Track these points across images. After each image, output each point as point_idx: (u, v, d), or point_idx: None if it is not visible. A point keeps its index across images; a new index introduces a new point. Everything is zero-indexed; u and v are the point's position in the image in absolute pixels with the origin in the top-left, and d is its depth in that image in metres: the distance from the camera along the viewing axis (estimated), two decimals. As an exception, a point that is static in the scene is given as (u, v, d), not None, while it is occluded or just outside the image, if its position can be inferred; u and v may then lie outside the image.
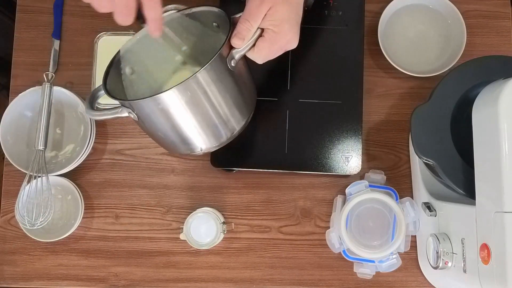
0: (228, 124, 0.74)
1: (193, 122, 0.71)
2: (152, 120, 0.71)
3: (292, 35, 0.71)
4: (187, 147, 0.75)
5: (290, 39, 0.72)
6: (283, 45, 0.71)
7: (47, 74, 0.93)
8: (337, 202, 0.90)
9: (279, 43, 0.71)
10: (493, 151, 0.65)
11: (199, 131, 0.72)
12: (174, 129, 0.72)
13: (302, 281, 0.92)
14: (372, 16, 0.97)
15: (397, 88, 0.96)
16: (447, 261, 0.76)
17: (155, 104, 0.67)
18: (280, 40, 0.70)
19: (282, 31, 0.69)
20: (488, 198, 0.66)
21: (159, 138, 0.76)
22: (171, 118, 0.70)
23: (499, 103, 0.64)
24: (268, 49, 0.71)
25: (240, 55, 0.70)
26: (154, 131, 0.74)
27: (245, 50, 0.71)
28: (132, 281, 0.92)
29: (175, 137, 0.73)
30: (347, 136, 0.90)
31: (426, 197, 0.86)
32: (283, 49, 0.72)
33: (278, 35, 0.69)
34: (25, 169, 0.88)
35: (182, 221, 0.89)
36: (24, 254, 0.92)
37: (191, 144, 0.74)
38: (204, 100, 0.69)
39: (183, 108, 0.68)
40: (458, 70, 0.79)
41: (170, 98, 0.66)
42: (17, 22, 0.98)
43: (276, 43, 0.70)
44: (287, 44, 0.72)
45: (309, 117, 0.90)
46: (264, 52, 0.71)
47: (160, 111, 0.69)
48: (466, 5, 0.97)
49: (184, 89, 0.66)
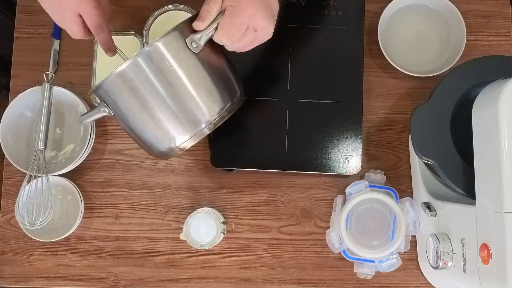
0: (197, 109, 0.69)
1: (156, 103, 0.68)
2: (121, 109, 0.71)
3: (255, 9, 0.67)
4: (160, 141, 0.71)
5: (254, 14, 0.67)
6: (245, 19, 0.67)
7: (47, 74, 0.93)
8: (337, 202, 0.90)
9: (240, 18, 0.66)
10: (493, 151, 0.65)
11: (166, 114, 0.69)
12: (142, 117, 0.70)
13: (302, 281, 0.92)
14: (372, 16, 0.97)
15: (397, 88, 0.96)
16: (447, 261, 0.76)
17: (119, 84, 0.68)
18: (240, 14, 0.66)
19: (241, 4, 0.66)
20: (488, 198, 0.66)
21: (134, 133, 0.73)
22: (136, 102, 0.69)
23: (499, 103, 0.64)
24: (229, 25, 0.67)
25: (205, 38, 0.68)
26: (127, 124, 0.72)
27: (208, 33, 0.68)
28: (132, 281, 0.92)
29: (146, 127, 0.71)
30: (347, 136, 0.90)
31: (426, 197, 0.86)
32: (246, 24, 0.67)
33: (237, 9, 0.66)
34: (25, 169, 0.88)
35: (182, 221, 0.89)
36: (24, 254, 0.92)
37: (163, 135, 0.71)
38: (166, 77, 0.68)
39: (144, 84, 0.67)
40: (458, 70, 0.79)
41: (130, 72, 0.67)
42: (17, 22, 0.98)
43: (237, 17, 0.66)
44: (251, 19, 0.67)
45: (309, 117, 0.90)
46: (226, 29, 0.67)
47: (126, 93, 0.68)
48: (466, 5, 0.97)
49: (144, 58, 0.66)
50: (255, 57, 0.92)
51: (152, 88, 0.68)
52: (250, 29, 0.68)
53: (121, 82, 0.69)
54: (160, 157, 0.74)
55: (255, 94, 0.91)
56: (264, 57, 0.92)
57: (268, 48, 0.92)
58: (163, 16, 0.94)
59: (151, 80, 0.68)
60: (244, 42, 0.69)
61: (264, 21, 0.68)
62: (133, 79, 0.68)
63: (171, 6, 0.94)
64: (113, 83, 0.69)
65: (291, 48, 0.92)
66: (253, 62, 0.92)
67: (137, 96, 0.69)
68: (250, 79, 0.92)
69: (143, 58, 0.67)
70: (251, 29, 0.68)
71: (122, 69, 0.67)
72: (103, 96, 0.71)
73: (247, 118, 0.91)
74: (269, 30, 0.70)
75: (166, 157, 0.74)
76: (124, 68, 0.67)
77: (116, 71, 0.67)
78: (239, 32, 0.67)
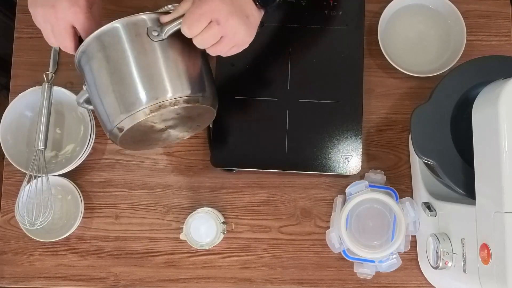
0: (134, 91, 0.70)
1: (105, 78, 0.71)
2: (87, 84, 0.74)
3: (218, 3, 0.67)
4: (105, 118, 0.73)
5: (217, 6, 0.66)
6: (207, 10, 0.66)
7: (47, 74, 0.93)
8: (337, 202, 0.90)
9: (201, 8, 0.66)
10: (493, 151, 0.65)
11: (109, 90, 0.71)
12: (94, 92, 0.73)
13: (302, 281, 0.92)
14: (372, 16, 0.97)
15: (397, 88, 0.96)
16: (447, 261, 0.76)
17: (84, 58, 0.73)
18: (202, 5, 0.66)
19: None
20: (488, 198, 0.66)
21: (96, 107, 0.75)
22: (91, 76, 0.72)
23: (499, 103, 0.64)
24: (189, 13, 0.67)
25: (168, 30, 0.69)
26: (92, 97, 0.75)
27: (172, 26, 0.69)
28: (132, 281, 0.92)
29: (97, 102, 0.73)
30: (347, 136, 0.90)
31: (426, 197, 0.86)
32: (207, 16, 0.67)
33: (201, 1, 0.67)
34: (25, 169, 0.88)
35: (182, 221, 0.89)
36: (24, 254, 0.92)
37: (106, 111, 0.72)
38: (117, 55, 0.70)
39: (101, 59, 0.71)
40: (458, 70, 0.79)
41: (90, 45, 0.71)
42: (17, 22, 0.98)
43: (198, 7, 0.67)
44: (213, 11, 0.66)
45: (309, 117, 0.90)
46: (186, 18, 0.67)
47: (87, 68, 0.72)
48: (466, 5, 0.97)
49: (103, 35, 0.70)
50: (255, 57, 0.92)
51: (103, 64, 0.71)
52: (213, 22, 0.67)
53: (84, 56, 0.73)
54: (110, 138, 0.74)
55: (255, 94, 0.91)
56: (264, 57, 0.92)
57: (268, 48, 0.92)
58: None
59: (104, 56, 0.71)
60: (208, 35, 0.68)
61: (228, 15, 0.67)
62: (92, 55, 0.72)
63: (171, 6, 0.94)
64: (80, 57, 0.73)
65: (291, 48, 0.92)
66: (253, 62, 0.92)
67: (93, 71, 0.72)
68: (250, 79, 0.92)
69: (103, 33, 0.71)
70: (214, 22, 0.67)
71: (85, 43, 0.71)
72: (82, 72, 0.75)
73: (247, 118, 0.91)
74: (237, 27, 0.69)
75: (114, 139, 0.74)
76: (86, 42, 0.71)
77: (81, 46, 0.72)
78: (198, 21, 0.67)
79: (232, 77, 0.92)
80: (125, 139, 0.74)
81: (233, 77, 0.92)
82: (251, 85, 0.92)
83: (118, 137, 0.73)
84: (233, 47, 0.71)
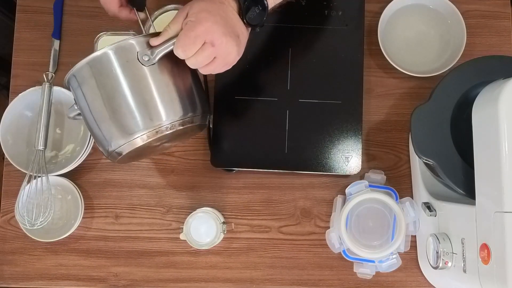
0: (131, 118, 0.71)
1: (99, 104, 0.72)
2: (80, 107, 0.75)
3: (211, 24, 0.67)
4: (102, 142, 0.74)
5: (210, 28, 0.67)
6: (201, 33, 0.67)
7: (47, 74, 0.93)
8: (337, 202, 0.90)
9: (195, 31, 0.67)
10: (493, 151, 0.65)
11: (104, 117, 0.72)
12: (89, 117, 0.74)
13: (302, 281, 0.92)
14: (372, 16, 0.97)
15: (397, 88, 0.96)
16: (447, 261, 0.76)
17: (75, 82, 0.73)
18: (195, 27, 0.67)
19: (199, 18, 0.67)
20: (488, 198, 0.66)
21: (92, 131, 0.76)
22: (84, 102, 0.73)
23: (499, 103, 0.64)
24: (183, 36, 0.67)
25: (159, 53, 0.70)
26: (87, 120, 0.76)
27: (163, 48, 0.70)
28: (132, 281, 0.92)
29: (92, 127, 0.74)
30: (347, 136, 0.90)
31: (426, 197, 0.86)
32: (201, 38, 0.67)
33: (193, 23, 0.67)
34: (25, 169, 0.88)
35: (182, 221, 0.89)
36: (24, 254, 0.92)
37: (102, 137, 0.73)
38: (110, 82, 0.71)
39: (93, 85, 0.71)
40: (458, 70, 0.79)
41: (81, 72, 0.72)
42: (17, 22, 0.98)
43: (192, 30, 0.67)
44: (207, 33, 0.67)
45: (309, 117, 0.90)
46: (180, 40, 0.67)
47: (79, 93, 0.73)
48: (466, 5, 0.97)
49: (93, 62, 0.70)
50: (255, 57, 0.92)
51: (96, 90, 0.72)
52: (208, 43, 0.68)
53: (75, 81, 0.73)
54: (108, 158, 0.75)
55: (255, 94, 0.91)
56: (264, 57, 0.92)
57: (268, 48, 0.92)
58: (163, 16, 0.94)
59: (97, 83, 0.71)
60: (203, 57, 0.68)
61: (222, 36, 0.68)
62: (83, 80, 0.72)
63: (171, 6, 0.94)
64: (71, 82, 0.74)
65: (291, 48, 0.92)
66: (253, 62, 0.92)
67: (86, 96, 0.73)
68: (250, 79, 0.92)
69: (92, 61, 0.71)
70: (208, 43, 0.68)
71: (75, 68, 0.72)
72: (72, 93, 0.76)
73: (247, 118, 0.91)
74: (230, 48, 0.69)
75: (113, 159, 0.75)
76: (76, 68, 0.72)
77: (71, 70, 0.73)
78: (193, 44, 0.67)
79: (232, 77, 0.92)
80: (122, 159, 0.76)
81: (233, 77, 0.92)
82: (251, 85, 0.92)
83: (117, 159, 0.75)
84: (224, 65, 0.72)
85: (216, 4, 0.69)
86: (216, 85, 0.92)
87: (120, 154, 0.73)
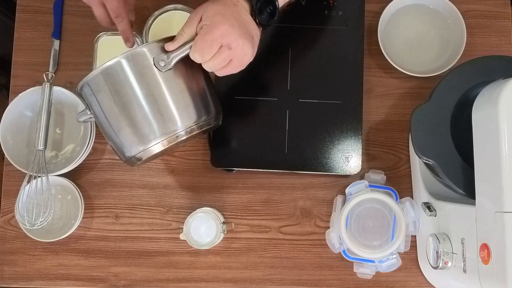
0: (148, 125, 0.72)
1: (115, 112, 0.73)
2: (95, 114, 0.76)
3: (227, 28, 0.68)
4: (120, 148, 0.75)
5: (226, 31, 0.68)
6: (217, 36, 0.67)
7: (47, 74, 0.93)
8: (337, 202, 0.90)
9: (211, 34, 0.67)
10: (493, 151, 0.65)
11: (122, 124, 0.73)
12: (105, 124, 0.75)
13: (302, 281, 0.92)
14: (372, 16, 0.97)
15: (397, 88, 0.96)
16: (447, 261, 0.76)
17: (88, 91, 0.74)
18: (211, 31, 0.67)
19: (214, 22, 0.68)
20: (488, 198, 0.66)
21: (106, 136, 0.77)
22: (100, 109, 0.74)
23: (499, 103, 0.64)
24: (200, 40, 0.68)
25: (175, 58, 0.70)
26: (101, 128, 0.77)
27: (179, 53, 0.70)
28: (132, 281, 0.92)
29: (109, 133, 0.75)
30: (347, 136, 0.90)
31: (426, 197, 0.86)
32: (218, 41, 0.68)
33: (209, 27, 0.68)
34: (25, 169, 0.88)
35: (182, 221, 0.89)
36: (24, 254, 0.92)
37: (120, 143, 0.74)
38: (127, 90, 0.71)
39: (109, 93, 0.72)
40: (458, 70, 0.79)
41: (96, 81, 0.72)
42: (17, 22, 0.98)
43: (208, 34, 0.68)
44: (223, 36, 0.68)
45: (309, 117, 0.90)
46: (198, 45, 0.68)
47: (94, 100, 0.74)
48: (466, 5, 0.97)
49: (108, 71, 0.71)
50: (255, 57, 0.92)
51: (112, 98, 0.72)
52: (224, 46, 0.68)
53: (89, 89, 0.74)
54: (126, 162, 0.77)
55: (255, 94, 0.91)
56: (264, 57, 0.92)
57: (268, 48, 0.92)
58: (163, 16, 0.94)
59: (113, 91, 0.72)
60: (220, 60, 0.69)
61: (239, 39, 0.69)
62: (98, 88, 0.73)
63: (171, 6, 0.94)
64: (84, 89, 0.75)
65: (291, 48, 0.92)
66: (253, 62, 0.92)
67: (102, 104, 0.74)
68: (250, 79, 0.92)
69: (109, 69, 0.71)
70: (225, 46, 0.68)
71: (89, 78, 0.73)
72: (85, 99, 0.78)
73: (247, 118, 0.91)
74: (246, 49, 0.70)
75: (131, 164, 0.76)
76: (90, 78, 0.72)
77: (85, 79, 0.73)
78: (210, 48, 0.68)
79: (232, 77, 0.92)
80: (141, 163, 0.77)
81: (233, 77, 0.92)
82: (251, 85, 0.92)
83: (135, 164, 0.76)
84: (240, 67, 0.73)
85: (230, 7, 0.70)
86: (216, 85, 0.92)
87: (139, 159, 0.74)
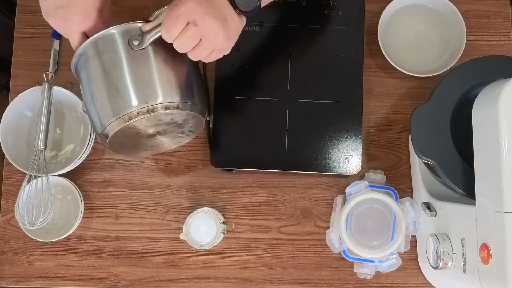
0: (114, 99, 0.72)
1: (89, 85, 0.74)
2: (84, 88, 0.76)
3: (194, 5, 0.66)
4: (94, 123, 0.75)
5: (192, 8, 0.67)
6: (182, 12, 0.67)
7: (47, 74, 0.93)
8: (337, 202, 0.90)
9: (177, 11, 0.67)
10: (493, 151, 0.65)
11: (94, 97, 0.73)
12: (84, 98, 0.76)
13: (302, 281, 0.92)
14: (372, 16, 0.97)
15: (397, 88, 0.96)
16: (447, 261, 0.76)
17: (77, 65, 0.76)
18: (178, 7, 0.67)
19: (183, 0, 0.67)
20: (488, 198, 0.66)
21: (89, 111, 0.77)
22: (82, 82, 0.76)
23: (499, 103, 0.64)
24: (167, 17, 0.68)
25: (149, 38, 0.71)
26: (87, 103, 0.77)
27: (153, 34, 0.71)
28: (132, 281, 0.92)
29: (87, 107, 0.76)
30: (347, 136, 0.90)
31: (426, 197, 0.86)
32: (184, 18, 0.67)
33: (177, 4, 0.67)
34: (25, 169, 0.88)
35: (182, 221, 0.89)
36: (24, 254, 0.92)
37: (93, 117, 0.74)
38: (101, 65, 0.73)
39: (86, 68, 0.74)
40: (458, 70, 0.79)
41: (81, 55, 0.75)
42: (17, 22, 0.98)
43: (175, 10, 0.67)
44: (189, 13, 0.67)
45: (309, 117, 0.90)
46: (164, 20, 0.68)
47: (80, 74, 0.76)
48: (466, 5, 0.97)
49: (99, 40, 0.73)
50: (255, 57, 0.92)
51: (97, 67, 0.73)
52: (191, 23, 0.67)
53: (76, 64, 0.76)
54: (99, 140, 0.76)
55: (255, 94, 0.91)
56: (264, 57, 0.92)
57: (268, 48, 0.92)
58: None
59: (99, 60, 0.73)
60: (186, 38, 0.68)
61: (205, 16, 0.67)
62: (82, 63, 0.75)
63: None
64: (74, 64, 0.77)
65: (291, 48, 0.92)
66: (253, 62, 0.92)
67: (88, 73, 0.74)
68: (250, 79, 0.92)
69: (91, 44, 0.73)
70: (191, 23, 0.67)
71: (77, 52, 0.75)
72: (77, 77, 0.79)
73: (247, 118, 0.91)
74: (215, 29, 0.68)
75: (102, 141, 0.76)
76: (78, 52, 0.75)
77: (79, 49, 0.75)
78: (175, 23, 0.67)
79: (232, 77, 0.92)
80: (114, 142, 0.75)
81: (233, 77, 0.92)
82: (251, 85, 0.92)
83: (107, 140, 0.74)
84: (213, 51, 0.70)
85: None
86: (216, 85, 0.92)
87: (106, 136, 0.73)
